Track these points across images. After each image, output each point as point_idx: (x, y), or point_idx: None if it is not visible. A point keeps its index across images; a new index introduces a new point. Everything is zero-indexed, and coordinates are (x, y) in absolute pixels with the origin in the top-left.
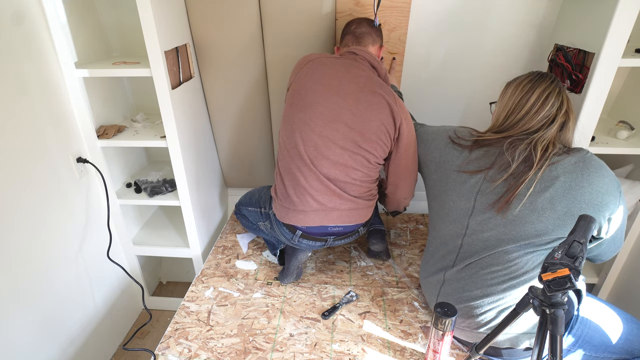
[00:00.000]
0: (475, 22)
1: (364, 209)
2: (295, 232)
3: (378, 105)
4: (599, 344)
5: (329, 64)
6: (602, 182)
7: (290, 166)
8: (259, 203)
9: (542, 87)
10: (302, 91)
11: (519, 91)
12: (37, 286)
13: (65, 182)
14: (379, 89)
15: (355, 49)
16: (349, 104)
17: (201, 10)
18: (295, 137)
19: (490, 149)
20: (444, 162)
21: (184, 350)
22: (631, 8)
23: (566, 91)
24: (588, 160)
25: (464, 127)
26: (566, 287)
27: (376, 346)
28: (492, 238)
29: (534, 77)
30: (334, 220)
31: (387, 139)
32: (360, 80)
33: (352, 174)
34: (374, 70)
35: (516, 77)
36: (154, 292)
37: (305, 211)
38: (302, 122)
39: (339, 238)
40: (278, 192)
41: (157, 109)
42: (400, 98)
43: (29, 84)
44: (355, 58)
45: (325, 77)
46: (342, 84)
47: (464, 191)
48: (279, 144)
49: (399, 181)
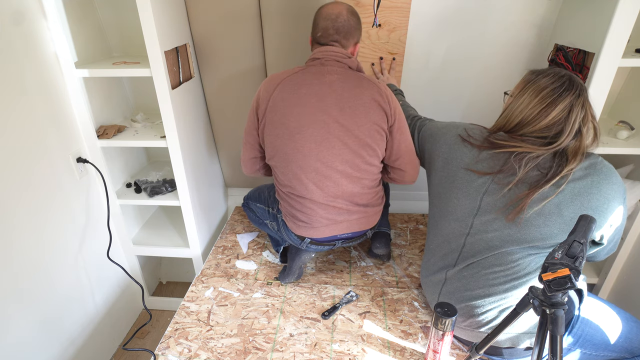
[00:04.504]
0: (475, 22)
1: (373, 215)
2: (304, 240)
3: (363, 107)
4: (599, 343)
5: (299, 82)
6: (610, 190)
7: (293, 193)
8: (267, 202)
9: (566, 101)
10: (284, 119)
11: (537, 100)
12: (37, 286)
13: (66, 182)
14: (357, 84)
15: (319, 53)
16: (335, 116)
17: (201, 10)
18: (294, 168)
19: (501, 150)
20: (452, 158)
21: (184, 350)
22: (631, 8)
23: (589, 100)
24: (599, 167)
25: (474, 125)
26: (566, 287)
27: (376, 346)
28: (496, 239)
29: (559, 86)
30: (343, 229)
31: (382, 134)
32: (336, 85)
33: (359, 184)
34: (342, 65)
35: (538, 73)
36: (154, 292)
37: (315, 227)
38: (295, 151)
39: (346, 241)
40: (285, 212)
41: (157, 109)
42: (401, 95)
43: (29, 84)
44: (321, 62)
45: (302, 97)
46: (321, 98)
47: (471, 190)
48: (274, 170)
49: (402, 164)
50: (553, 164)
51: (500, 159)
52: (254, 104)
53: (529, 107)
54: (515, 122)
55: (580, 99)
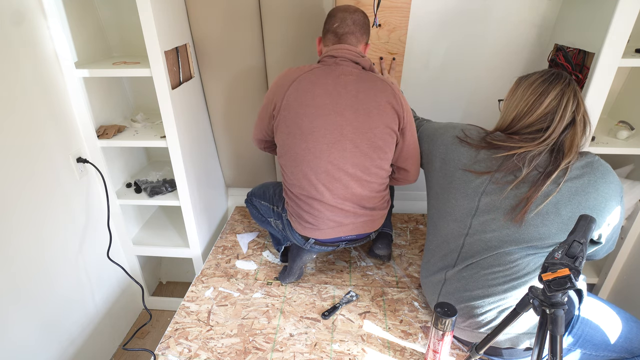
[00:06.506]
0: (475, 22)
1: (379, 218)
2: (309, 240)
3: (377, 109)
4: (599, 342)
5: (314, 81)
6: (607, 188)
7: (302, 193)
8: (272, 200)
9: (557, 89)
10: (297, 118)
11: (530, 92)
12: (37, 286)
13: (65, 182)
14: (372, 86)
15: (334, 51)
16: (348, 118)
17: (201, 10)
18: (304, 168)
19: (498, 150)
20: (450, 159)
21: (184, 350)
22: (631, 8)
23: (581, 93)
24: (596, 166)
25: (472, 126)
26: (566, 287)
27: (376, 346)
28: (494, 239)
29: (548, 77)
30: (349, 231)
31: (394, 137)
32: (351, 87)
33: (367, 188)
34: (357, 65)
35: (528, 74)
36: (154, 292)
37: (321, 229)
38: (307, 152)
39: (350, 243)
40: (291, 212)
41: (157, 109)
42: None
43: (28, 84)
44: (336, 61)
45: (316, 97)
46: (335, 99)
47: (469, 191)
48: (284, 169)
49: (409, 165)
50: (550, 160)
51: (499, 159)
52: (268, 96)
53: (523, 99)
54: (511, 118)
55: (571, 87)
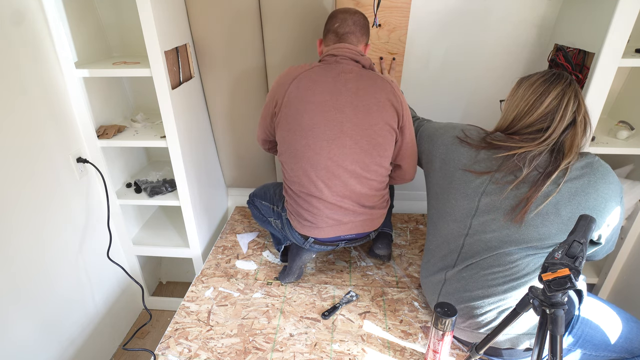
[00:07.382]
0: (475, 22)
1: (378, 217)
2: (308, 239)
3: (377, 106)
4: (599, 343)
5: (315, 78)
6: (607, 189)
7: (302, 190)
8: (272, 200)
9: (557, 89)
10: (297, 115)
11: (531, 92)
12: (37, 286)
13: (65, 182)
14: (372, 84)
15: (334, 50)
16: (348, 115)
17: (201, 10)
18: (304, 164)
19: (499, 150)
20: (450, 159)
21: (184, 350)
22: (631, 8)
23: (582, 93)
24: (595, 166)
25: (472, 126)
26: (566, 287)
27: (376, 346)
28: (494, 239)
29: (549, 77)
30: (348, 230)
31: (393, 134)
32: (351, 84)
33: (367, 186)
34: (357, 63)
35: (529, 75)
36: (154, 292)
37: (320, 227)
38: (307, 148)
39: (350, 242)
40: (291, 210)
41: (157, 109)
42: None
43: (28, 84)
44: (337, 60)
45: (317, 94)
46: (335, 96)
47: (469, 191)
48: (284, 167)
49: (406, 163)
50: (550, 160)
51: (499, 159)
52: (270, 94)
53: (523, 99)
54: (512, 118)
55: (572, 88)
